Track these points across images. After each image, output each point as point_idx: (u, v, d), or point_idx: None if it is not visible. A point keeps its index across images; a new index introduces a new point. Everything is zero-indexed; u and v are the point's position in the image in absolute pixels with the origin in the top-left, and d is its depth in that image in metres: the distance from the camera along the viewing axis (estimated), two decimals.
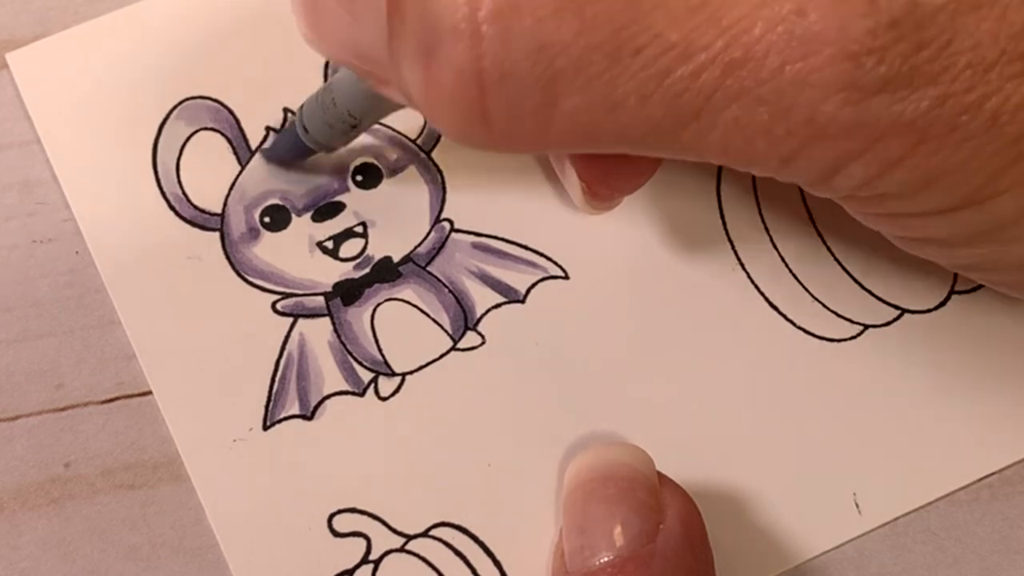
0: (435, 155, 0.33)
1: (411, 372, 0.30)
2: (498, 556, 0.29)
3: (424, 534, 0.29)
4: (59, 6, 0.34)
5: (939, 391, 0.30)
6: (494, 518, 0.29)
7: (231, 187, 0.32)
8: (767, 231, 0.32)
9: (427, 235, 0.32)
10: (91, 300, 0.31)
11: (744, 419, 0.30)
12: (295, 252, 0.32)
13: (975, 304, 0.31)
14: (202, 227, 0.32)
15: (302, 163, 0.32)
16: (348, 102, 0.29)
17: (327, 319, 0.31)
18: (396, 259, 0.32)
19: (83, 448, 0.30)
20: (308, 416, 0.30)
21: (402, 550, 0.29)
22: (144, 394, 0.30)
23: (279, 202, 0.32)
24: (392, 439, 0.30)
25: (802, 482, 0.29)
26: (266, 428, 0.30)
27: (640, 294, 0.31)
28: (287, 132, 0.32)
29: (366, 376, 0.30)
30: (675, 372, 0.30)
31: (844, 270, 0.31)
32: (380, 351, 0.31)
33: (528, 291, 0.31)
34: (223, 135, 0.33)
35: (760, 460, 0.29)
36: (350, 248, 0.32)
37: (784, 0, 0.21)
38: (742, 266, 0.31)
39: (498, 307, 0.31)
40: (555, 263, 0.31)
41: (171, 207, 0.32)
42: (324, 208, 0.32)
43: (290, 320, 0.31)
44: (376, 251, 0.32)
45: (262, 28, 0.34)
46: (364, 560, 0.29)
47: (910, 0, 0.21)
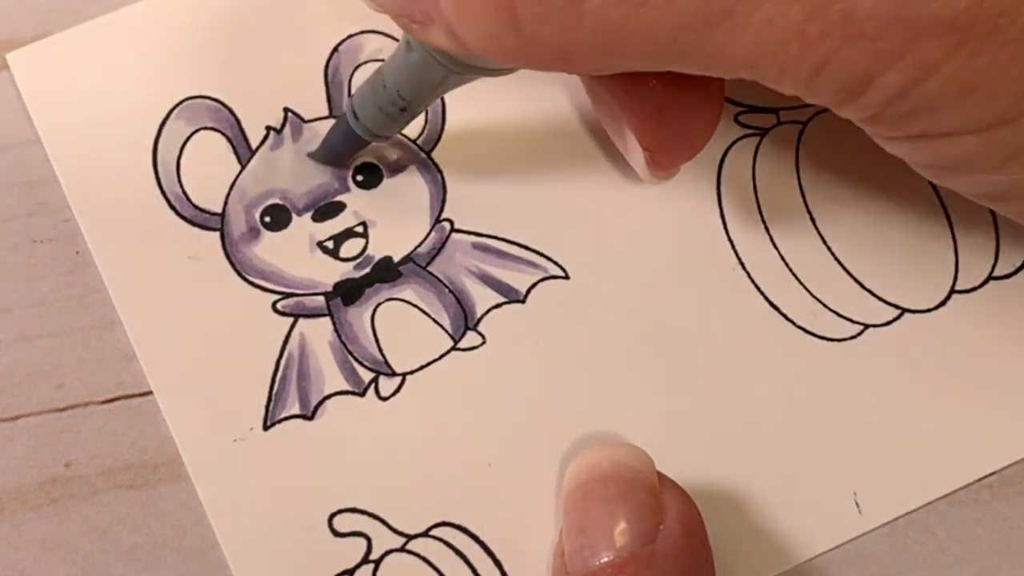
0: (435, 155, 0.33)
1: (411, 372, 0.30)
2: (498, 556, 0.29)
3: (424, 534, 0.29)
4: (59, 6, 0.34)
5: (939, 391, 0.30)
6: (494, 518, 0.29)
7: (231, 186, 0.32)
8: (767, 231, 0.32)
9: (427, 235, 0.32)
10: (91, 300, 0.31)
11: (744, 419, 0.30)
12: (295, 252, 0.32)
13: (975, 304, 0.31)
14: (202, 227, 0.32)
15: (348, 160, 0.32)
16: (397, 82, 0.29)
17: (327, 319, 0.31)
18: (396, 259, 0.32)
19: (83, 448, 0.30)
20: (309, 416, 0.30)
21: (402, 550, 0.29)
22: (144, 394, 0.30)
23: (279, 202, 0.32)
24: (392, 439, 0.30)
25: (802, 482, 0.29)
26: (266, 428, 0.30)
27: (640, 294, 0.31)
28: (337, 126, 0.32)
29: (366, 376, 0.30)
30: (675, 372, 0.30)
31: (844, 270, 0.31)
32: (380, 351, 0.31)
33: (528, 291, 0.31)
34: (223, 135, 0.33)
35: (760, 460, 0.29)
36: (350, 248, 0.32)
37: None
38: (742, 266, 0.31)
39: (498, 307, 0.31)
40: (555, 263, 0.31)
41: (171, 207, 0.32)
42: (324, 208, 0.32)
43: (290, 320, 0.31)
44: (376, 251, 0.32)
45: (262, 28, 0.34)
46: (364, 560, 0.29)
47: None
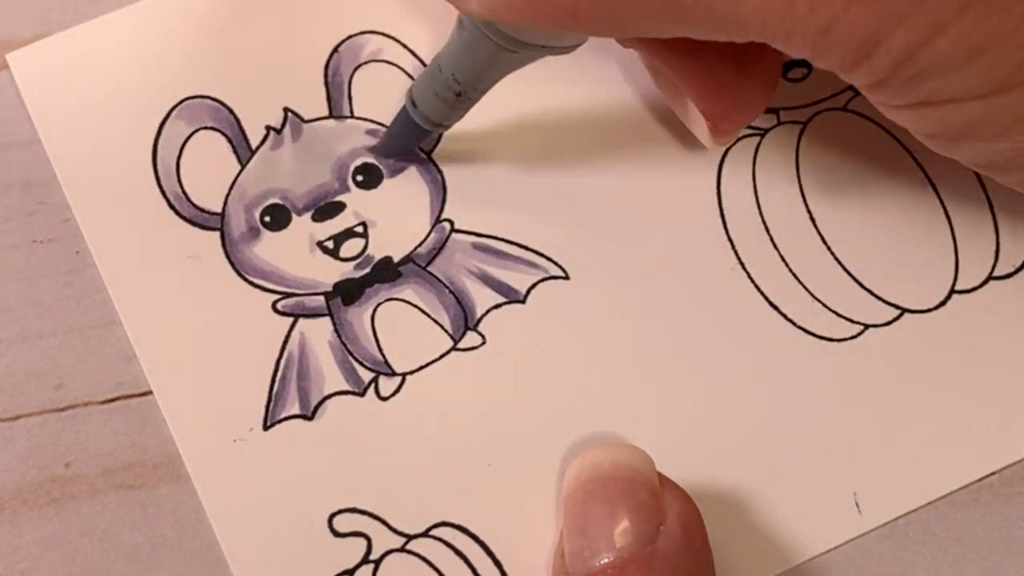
0: (436, 155, 0.33)
1: (411, 372, 0.30)
2: (498, 556, 0.29)
3: (424, 534, 0.29)
4: (59, 6, 0.34)
5: (939, 391, 0.30)
6: (495, 518, 0.29)
7: (231, 186, 0.32)
8: (767, 231, 0.32)
9: (427, 235, 0.32)
10: (91, 300, 0.31)
11: (744, 419, 0.30)
12: (295, 252, 0.32)
13: (975, 303, 0.31)
14: (202, 226, 0.32)
15: (410, 154, 0.33)
16: (452, 65, 0.29)
17: (327, 319, 0.31)
18: (396, 259, 0.32)
19: (83, 448, 0.30)
20: (308, 416, 0.30)
21: (402, 550, 0.29)
22: (144, 394, 0.30)
23: (279, 201, 0.32)
24: (392, 439, 0.30)
25: (802, 482, 0.29)
26: (266, 428, 0.30)
27: (640, 294, 0.31)
28: (396, 119, 0.32)
29: (366, 376, 0.30)
30: (675, 372, 0.30)
31: (844, 270, 0.31)
32: (380, 351, 0.31)
33: (528, 291, 0.31)
34: (223, 134, 0.33)
35: (760, 460, 0.29)
36: (350, 248, 0.32)
37: None
38: (742, 266, 0.31)
39: (498, 307, 0.31)
40: (555, 263, 0.31)
41: (171, 206, 0.32)
42: (324, 208, 0.32)
43: (290, 320, 0.31)
44: (376, 251, 0.32)
45: (262, 28, 0.34)
46: (364, 560, 0.29)
47: None
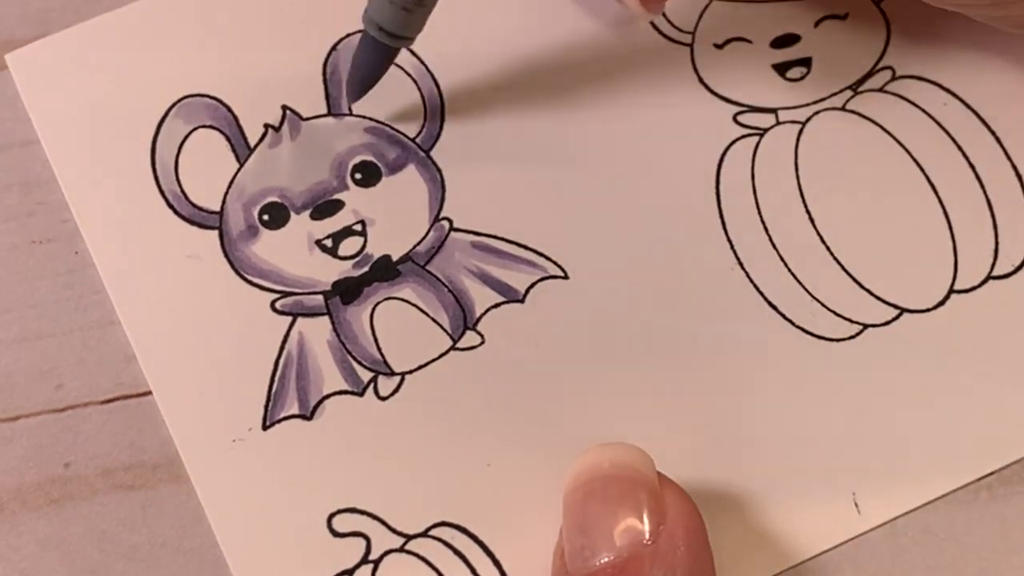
0: (434, 154, 0.33)
1: (410, 372, 0.30)
2: (498, 556, 0.29)
3: (424, 534, 0.29)
4: (59, 6, 0.34)
5: (938, 391, 0.30)
6: (494, 518, 0.29)
7: (230, 185, 0.32)
8: (766, 231, 0.32)
9: (426, 234, 0.32)
10: (91, 300, 0.31)
11: (743, 419, 0.30)
12: (294, 250, 0.32)
13: (974, 303, 0.31)
14: (201, 225, 0.32)
15: (376, 81, 0.32)
16: None
17: (326, 318, 0.31)
18: (395, 258, 0.32)
19: (83, 448, 0.30)
20: (307, 416, 0.30)
21: (402, 550, 0.29)
22: (144, 394, 0.30)
23: (278, 200, 0.32)
24: (391, 439, 0.30)
25: (801, 482, 0.29)
26: (265, 428, 0.30)
27: (640, 294, 0.31)
28: (358, 47, 0.31)
29: (365, 376, 0.30)
30: (674, 372, 0.30)
31: (843, 270, 0.31)
32: (379, 350, 0.31)
33: (527, 291, 0.31)
34: (221, 132, 0.33)
35: (759, 460, 0.29)
36: (349, 246, 0.32)
37: None
38: (742, 266, 0.31)
39: (497, 307, 0.31)
40: (555, 263, 0.31)
41: (170, 205, 0.32)
42: (323, 206, 0.32)
43: (289, 319, 0.31)
44: (375, 250, 0.32)
45: (260, 26, 0.34)
46: (364, 560, 0.29)
47: None
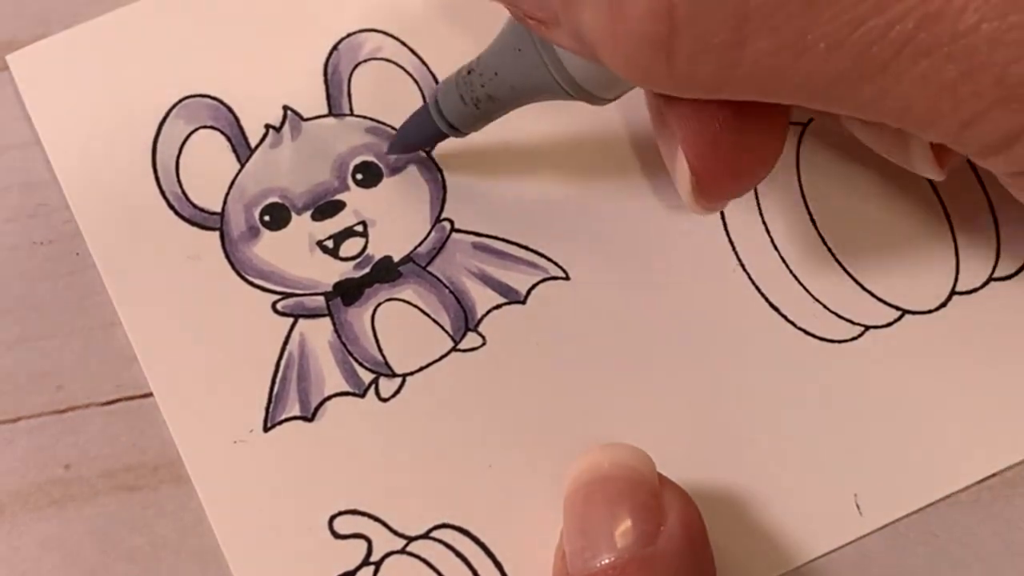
0: (436, 154, 0.33)
1: (412, 373, 0.30)
2: (499, 557, 0.29)
3: (425, 536, 0.29)
4: (59, 6, 0.34)
5: (940, 392, 0.30)
6: (495, 519, 0.29)
7: (231, 185, 0.32)
8: (767, 231, 0.32)
9: (427, 235, 0.32)
10: (91, 302, 0.31)
11: (744, 420, 0.30)
12: (295, 251, 0.32)
13: (976, 305, 0.31)
14: (202, 226, 0.32)
15: (420, 151, 0.32)
16: (491, 78, 0.28)
17: (327, 319, 0.31)
18: (396, 259, 0.32)
19: (84, 450, 0.30)
20: (309, 417, 0.30)
21: (403, 552, 0.29)
22: (145, 396, 0.30)
23: (279, 200, 0.32)
24: (393, 440, 0.30)
25: (803, 483, 0.29)
26: (267, 429, 0.30)
27: (640, 294, 0.31)
28: (415, 115, 0.31)
29: (367, 377, 0.30)
30: (675, 373, 0.30)
31: (844, 270, 0.31)
32: (381, 352, 0.31)
33: (529, 292, 0.31)
34: (222, 133, 0.33)
35: (761, 461, 0.29)
36: (350, 247, 0.32)
37: None
38: (742, 266, 0.31)
39: (499, 308, 0.31)
40: (555, 263, 0.31)
41: (171, 206, 0.32)
42: (324, 207, 0.32)
43: (290, 320, 0.31)
44: (376, 251, 0.32)
45: (261, 26, 0.34)
46: (365, 562, 0.29)
47: None
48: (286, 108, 0.33)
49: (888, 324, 0.31)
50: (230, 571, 0.28)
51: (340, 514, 0.29)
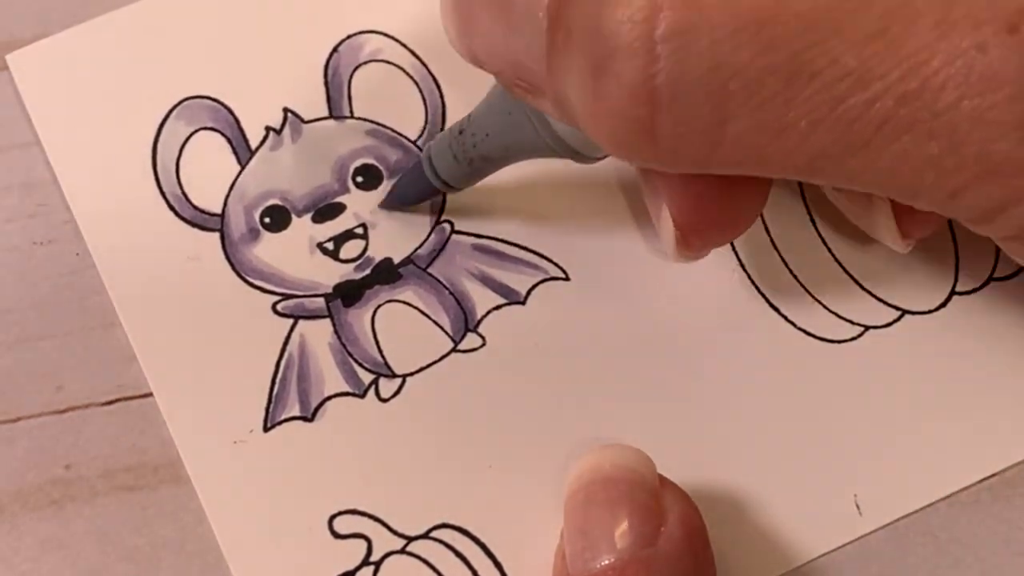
0: None
1: (412, 374, 0.30)
2: (499, 558, 0.29)
3: (425, 536, 0.29)
4: (59, 6, 0.34)
5: (940, 392, 0.30)
6: (495, 520, 0.29)
7: (231, 187, 0.32)
8: (767, 231, 0.32)
9: (427, 237, 0.32)
10: (91, 302, 0.31)
11: (745, 421, 0.30)
12: (295, 253, 0.32)
13: (976, 305, 0.31)
14: (202, 227, 0.32)
15: (414, 206, 0.32)
16: (482, 138, 0.29)
17: (327, 320, 0.31)
18: (397, 260, 0.32)
19: (84, 450, 0.30)
20: (309, 418, 0.30)
21: (403, 552, 0.29)
22: (145, 396, 0.30)
23: (279, 202, 0.32)
24: (393, 441, 0.30)
25: (803, 484, 0.29)
26: (267, 430, 0.30)
27: (640, 295, 0.31)
28: (409, 171, 0.32)
29: (367, 378, 0.30)
30: (675, 373, 0.30)
31: (844, 271, 0.31)
32: (381, 352, 0.31)
33: (529, 292, 0.31)
34: (223, 135, 0.33)
35: (761, 462, 0.29)
36: (350, 249, 0.32)
37: (964, 34, 0.21)
38: (742, 266, 0.31)
39: (498, 308, 0.31)
40: (555, 264, 0.31)
41: (171, 207, 0.32)
42: (324, 209, 0.32)
43: (290, 321, 0.31)
44: (376, 252, 0.32)
45: (261, 28, 0.34)
46: (365, 562, 0.29)
47: None
48: (286, 110, 0.33)
49: (888, 324, 0.31)
50: (230, 571, 0.28)
51: (340, 514, 0.29)
